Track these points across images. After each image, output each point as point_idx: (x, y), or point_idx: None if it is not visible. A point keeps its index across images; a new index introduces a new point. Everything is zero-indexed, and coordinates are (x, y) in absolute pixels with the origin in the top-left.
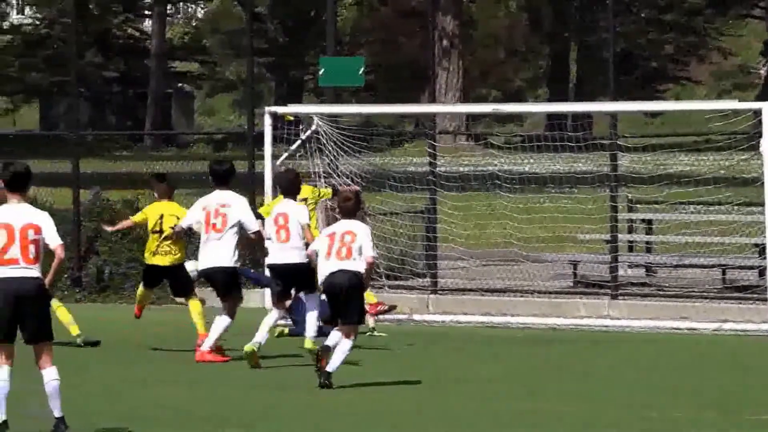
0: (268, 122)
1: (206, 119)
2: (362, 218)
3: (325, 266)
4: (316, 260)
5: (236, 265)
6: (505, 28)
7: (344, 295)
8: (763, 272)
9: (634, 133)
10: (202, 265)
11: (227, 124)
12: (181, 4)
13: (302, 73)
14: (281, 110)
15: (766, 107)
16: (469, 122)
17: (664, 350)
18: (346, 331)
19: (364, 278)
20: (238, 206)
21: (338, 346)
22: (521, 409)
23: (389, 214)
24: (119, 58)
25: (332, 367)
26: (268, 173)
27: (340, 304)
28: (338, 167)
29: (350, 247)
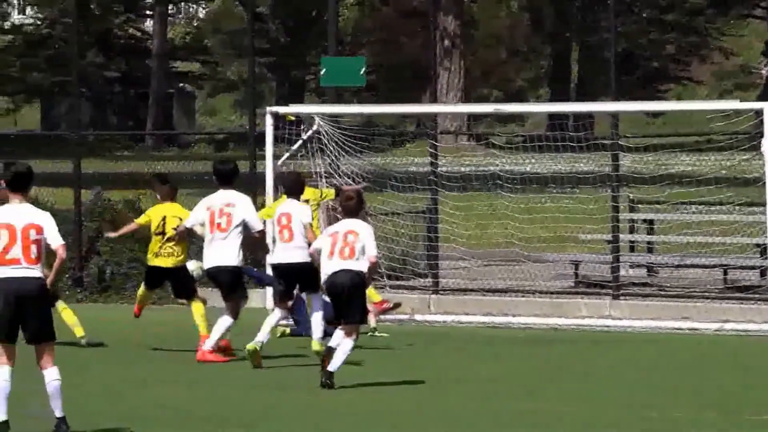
0: (269, 122)
1: (207, 119)
2: (363, 218)
3: (327, 266)
4: (318, 259)
5: (241, 264)
6: (506, 28)
7: (346, 294)
8: (764, 272)
9: (635, 133)
10: (207, 264)
11: (228, 124)
12: (182, 4)
13: (304, 73)
14: (283, 110)
15: (767, 107)
16: (470, 122)
17: (665, 350)
18: (347, 330)
19: (366, 277)
20: (242, 205)
21: (339, 345)
22: (522, 409)
23: (391, 214)
24: (120, 58)
25: (334, 366)
26: (269, 173)
27: (342, 303)
28: (339, 167)
29: (353, 246)
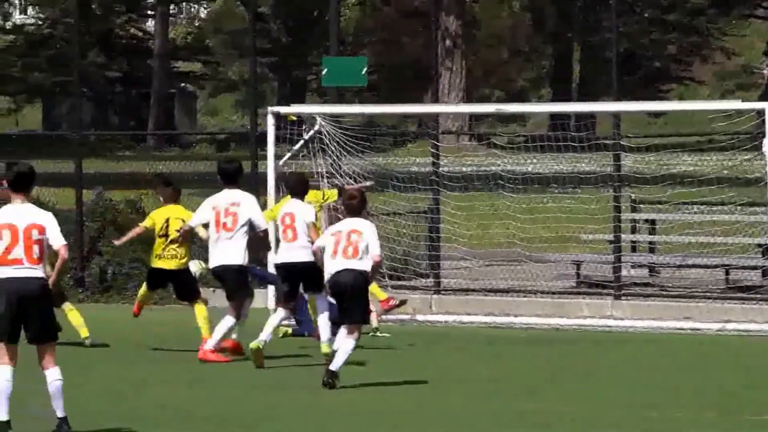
0: (271, 122)
1: (209, 119)
2: (365, 218)
3: (331, 265)
4: (321, 257)
5: (246, 263)
6: (508, 28)
7: (348, 294)
8: (766, 272)
9: (637, 133)
10: (212, 263)
11: (230, 124)
12: (183, 4)
13: (305, 73)
14: (284, 110)
15: None
16: (472, 122)
17: (666, 350)
18: (349, 329)
19: (369, 276)
20: (247, 204)
21: (341, 345)
22: (523, 409)
23: (392, 214)
24: (122, 58)
25: (335, 365)
26: (271, 173)
27: (344, 302)
28: (341, 167)
29: (357, 246)
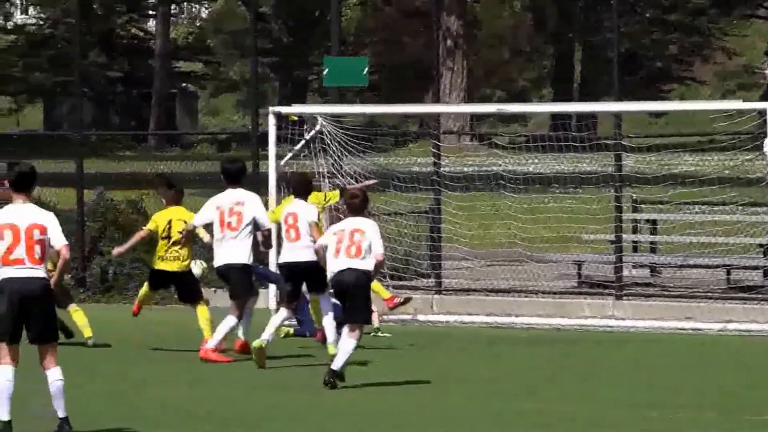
0: (272, 122)
1: (210, 119)
2: (366, 217)
3: (333, 264)
4: (323, 255)
5: (250, 262)
6: (509, 28)
7: (351, 293)
8: (767, 272)
9: (638, 133)
10: (217, 263)
11: (231, 124)
12: (185, 4)
13: (306, 73)
14: (285, 110)
15: None
16: (473, 122)
17: (668, 350)
18: (351, 329)
19: (372, 275)
20: (252, 204)
21: (342, 344)
22: (524, 409)
23: (393, 214)
24: (123, 58)
25: (337, 365)
26: (272, 173)
27: (346, 302)
28: (342, 167)
29: (359, 245)
